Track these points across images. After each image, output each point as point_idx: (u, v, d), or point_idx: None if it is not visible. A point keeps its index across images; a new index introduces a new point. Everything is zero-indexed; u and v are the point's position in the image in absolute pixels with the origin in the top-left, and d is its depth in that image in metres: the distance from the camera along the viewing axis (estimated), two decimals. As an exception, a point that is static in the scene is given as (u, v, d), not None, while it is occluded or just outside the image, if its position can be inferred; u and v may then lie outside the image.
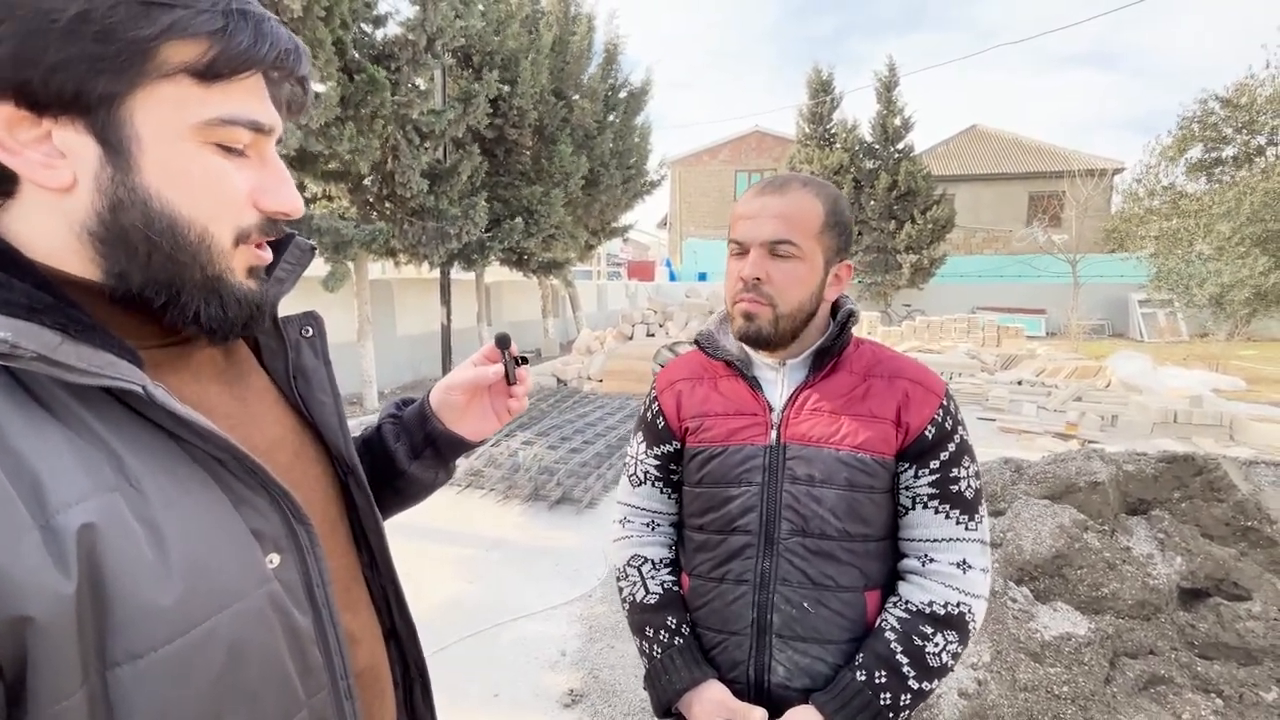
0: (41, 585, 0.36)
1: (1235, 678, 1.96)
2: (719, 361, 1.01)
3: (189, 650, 0.42)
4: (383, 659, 0.63)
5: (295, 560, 0.51)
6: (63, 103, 0.41)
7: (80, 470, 0.40)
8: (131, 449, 0.43)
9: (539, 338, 12.61)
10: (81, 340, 0.42)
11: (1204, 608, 2.13)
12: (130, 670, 0.40)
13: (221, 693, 0.44)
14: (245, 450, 0.47)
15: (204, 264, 0.47)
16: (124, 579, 0.39)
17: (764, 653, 0.91)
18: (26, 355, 0.39)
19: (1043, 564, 2.21)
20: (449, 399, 0.76)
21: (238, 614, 0.45)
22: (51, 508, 0.38)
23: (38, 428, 0.40)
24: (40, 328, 0.40)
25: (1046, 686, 1.93)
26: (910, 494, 0.92)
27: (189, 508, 0.44)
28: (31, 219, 0.44)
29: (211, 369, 0.54)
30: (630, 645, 2.70)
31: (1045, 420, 6.52)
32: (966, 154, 20.77)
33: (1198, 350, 11.47)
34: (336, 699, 0.53)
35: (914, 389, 0.93)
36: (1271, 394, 8.07)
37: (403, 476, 0.76)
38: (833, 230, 0.92)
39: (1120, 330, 16.40)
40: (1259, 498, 2.29)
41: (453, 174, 7.14)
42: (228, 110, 0.46)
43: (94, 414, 0.43)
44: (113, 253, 0.45)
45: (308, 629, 0.51)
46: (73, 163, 0.43)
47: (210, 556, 0.44)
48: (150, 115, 0.43)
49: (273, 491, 0.50)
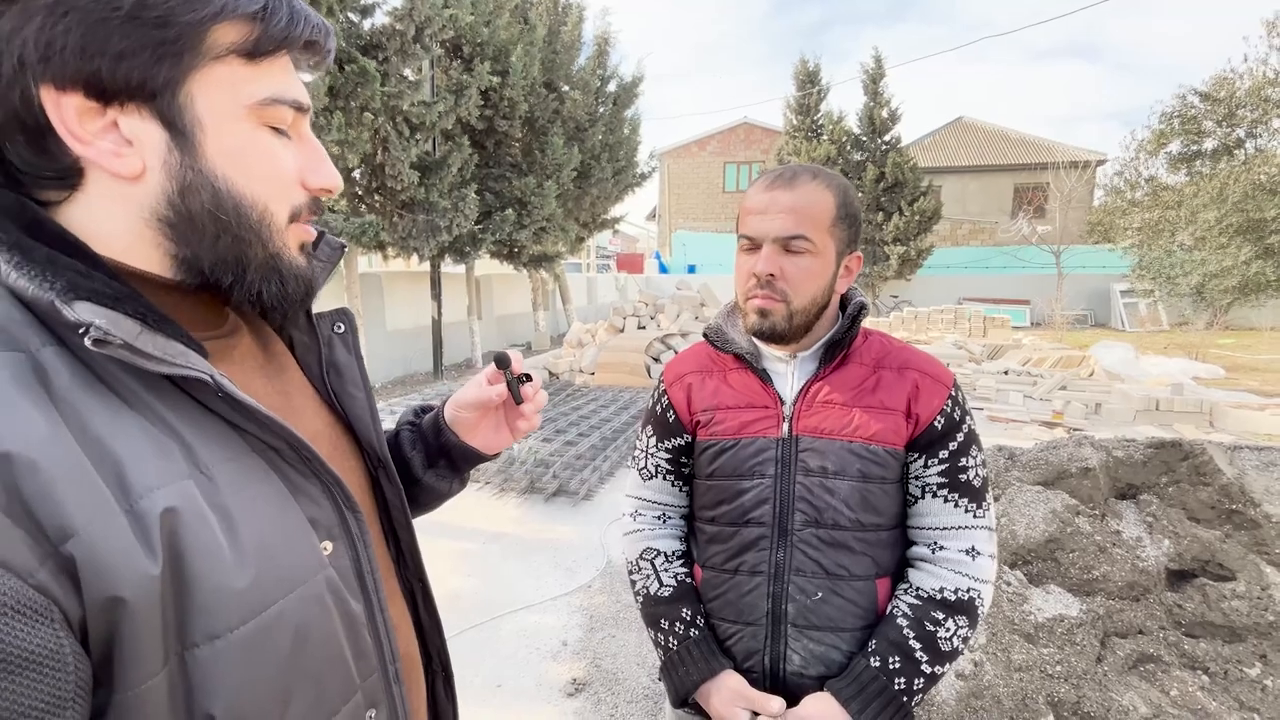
0: (131, 567, 0.37)
1: (1221, 655, 2.02)
2: (728, 354, 1.01)
3: (261, 632, 0.43)
4: (414, 647, 0.65)
5: (347, 547, 0.52)
6: (129, 90, 0.42)
7: (157, 457, 0.41)
8: (199, 437, 0.44)
9: (530, 331, 12.57)
10: (157, 330, 0.43)
11: (1191, 588, 2.19)
12: (208, 651, 0.41)
13: (290, 673, 0.45)
14: (304, 439, 0.49)
15: (265, 242, 0.49)
16: (202, 562, 0.41)
17: (779, 642, 0.92)
18: (116, 342, 0.40)
19: (1036, 548, 2.26)
20: (460, 415, 0.76)
21: (301, 598, 0.46)
22: (135, 492, 0.39)
23: (115, 416, 0.41)
24: (124, 316, 0.42)
25: (1040, 666, 1.98)
26: (920, 483, 0.94)
27: (255, 495, 0.46)
28: (97, 211, 0.45)
29: (253, 361, 0.55)
30: (631, 634, 2.72)
31: (1031, 409, 6.63)
32: (953, 146, 20.91)
33: (1178, 339, 11.71)
34: (386, 682, 0.55)
35: (924, 380, 0.94)
36: (1249, 381, 8.27)
37: (417, 484, 0.76)
38: (844, 222, 0.92)
39: (1102, 320, 16.67)
40: (1243, 481, 2.36)
41: (442, 166, 7.08)
42: (274, 90, 0.47)
43: (163, 403, 0.44)
44: (183, 236, 0.46)
45: (360, 614, 0.52)
46: (140, 150, 0.43)
47: (276, 542, 0.46)
48: (209, 98, 0.44)
49: (325, 480, 0.51)
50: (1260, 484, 2.39)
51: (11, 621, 0.34)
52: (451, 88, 7.02)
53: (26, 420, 0.37)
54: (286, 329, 0.62)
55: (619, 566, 3.33)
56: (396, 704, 0.56)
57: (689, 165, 23.05)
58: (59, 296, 0.40)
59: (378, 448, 0.63)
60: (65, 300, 0.40)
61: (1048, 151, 18.50)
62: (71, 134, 0.41)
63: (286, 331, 0.62)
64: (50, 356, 0.40)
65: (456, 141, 7.36)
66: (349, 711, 0.50)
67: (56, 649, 0.36)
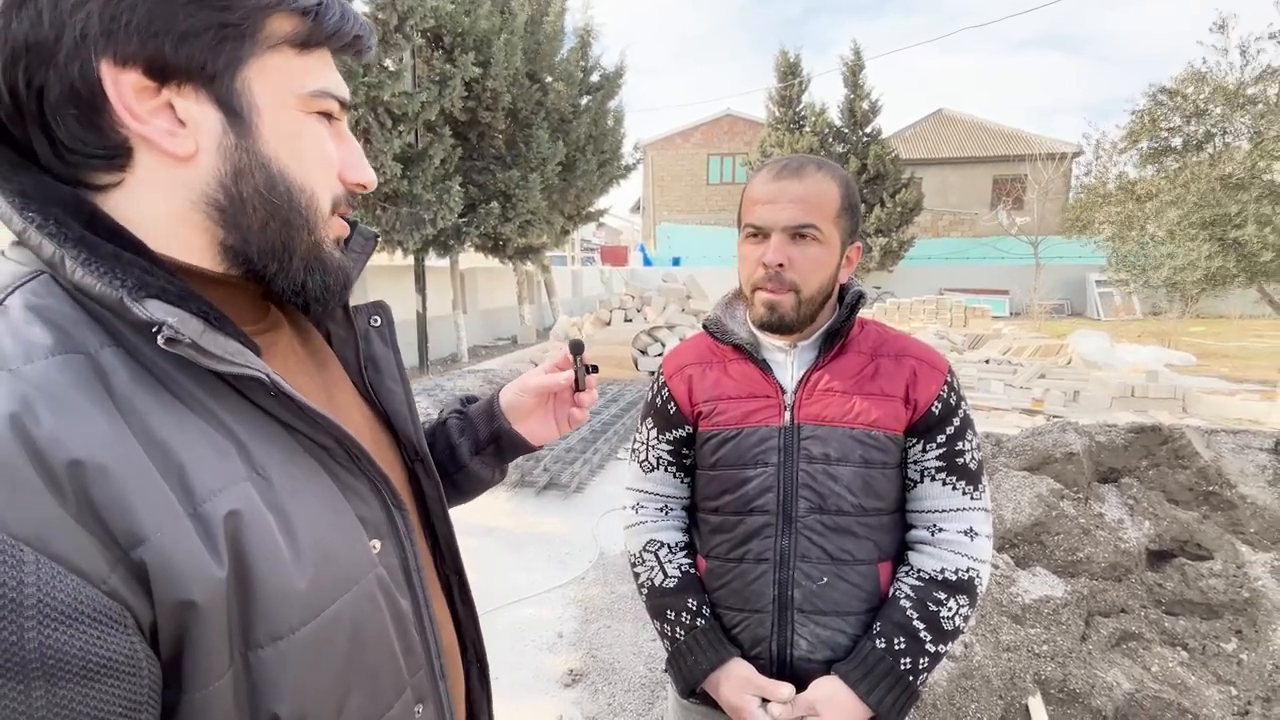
0: (201, 571, 0.38)
1: (1199, 631, 2.10)
2: (727, 345, 1.01)
3: (320, 632, 0.43)
4: (454, 639, 0.65)
5: (394, 545, 0.52)
6: (189, 71, 0.42)
7: (217, 459, 0.41)
8: (254, 438, 0.44)
9: (515, 325, 12.49)
10: (218, 329, 0.43)
11: (1170, 568, 2.26)
12: (272, 652, 0.41)
13: (348, 671, 0.46)
14: (355, 437, 0.49)
15: (312, 228, 0.49)
16: (264, 564, 0.41)
17: (786, 628, 0.93)
18: (185, 341, 0.39)
19: (1022, 532, 2.32)
20: (518, 400, 0.77)
21: (356, 597, 0.46)
22: (199, 496, 0.39)
23: (176, 417, 0.41)
24: (189, 315, 0.41)
25: (1027, 646, 2.04)
26: (918, 467, 0.96)
27: (309, 495, 0.46)
28: (146, 195, 0.44)
29: (295, 357, 0.55)
30: (626, 624, 2.74)
31: (1012, 397, 6.76)
32: (933, 138, 21.11)
33: (1151, 328, 12.01)
34: (433, 678, 0.55)
35: (920, 367, 0.96)
36: (1219, 368, 8.52)
37: (463, 470, 0.77)
38: (847, 213, 0.94)
39: (1079, 309, 17.02)
40: (1220, 464, 2.44)
41: (425, 158, 6.99)
42: (325, 83, 0.48)
43: (218, 403, 0.43)
44: (232, 221, 0.45)
45: (409, 612, 0.53)
46: (194, 131, 0.43)
47: (330, 542, 0.46)
48: (266, 84, 0.45)
49: (372, 478, 0.51)
50: (1235, 466, 2.48)
51: (88, 629, 0.34)
52: (434, 78, 6.92)
53: (93, 425, 0.36)
54: (323, 323, 0.61)
55: (612, 558, 3.35)
56: (442, 698, 0.56)
57: (673, 157, 23.00)
58: (129, 294, 0.39)
59: (416, 442, 0.63)
60: (136, 298, 0.39)
61: (1025, 143, 18.75)
62: (129, 111, 0.41)
63: (323, 326, 0.61)
64: (109, 357, 0.40)
65: (439, 133, 7.26)
66: (400, 707, 0.51)
67: (131, 654, 0.36)
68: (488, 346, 11.60)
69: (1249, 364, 8.71)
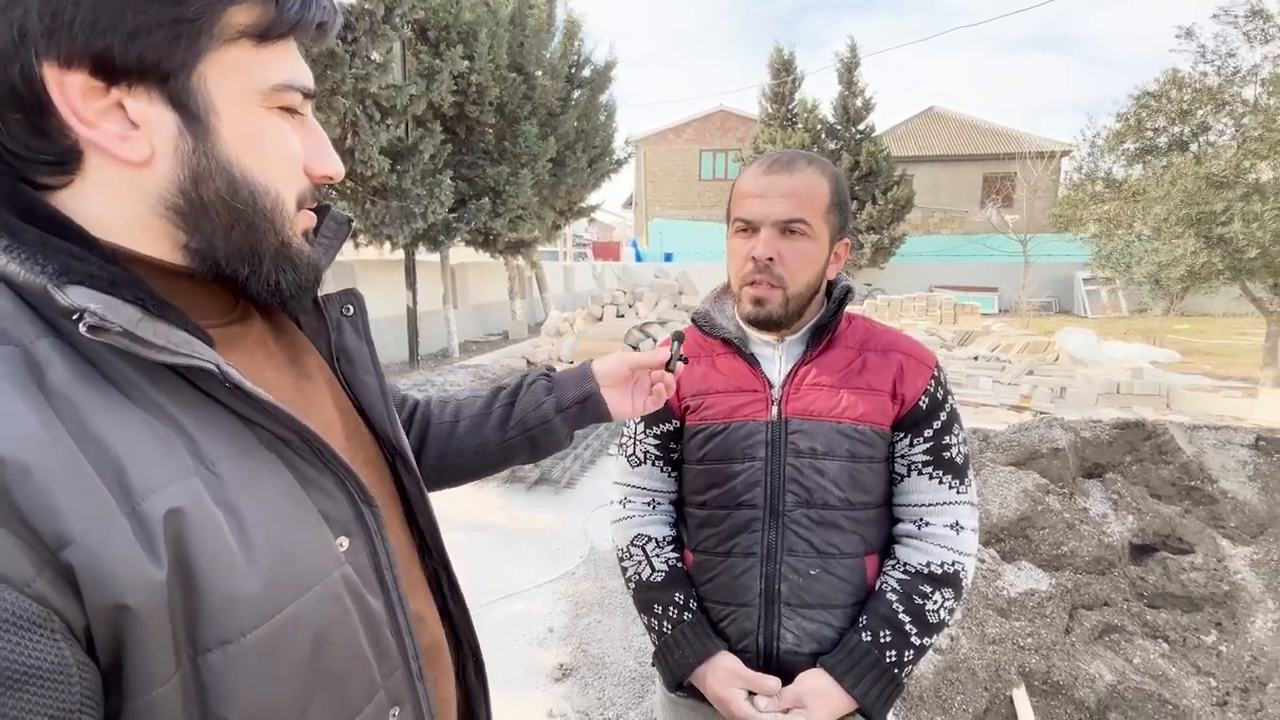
0: (135, 573, 0.36)
1: (1180, 623, 2.13)
2: (715, 339, 1.02)
3: (276, 635, 0.41)
4: (442, 635, 0.63)
5: (364, 543, 0.50)
6: (140, 70, 0.39)
7: (160, 455, 0.39)
8: (204, 431, 0.42)
9: (506, 320, 12.44)
10: (159, 317, 0.41)
11: (1152, 561, 2.30)
12: (221, 656, 0.39)
13: (309, 676, 0.44)
14: (315, 430, 0.47)
15: (278, 230, 0.47)
16: (210, 565, 0.39)
17: (773, 621, 0.93)
18: (114, 329, 0.37)
19: (1009, 526, 2.34)
20: (614, 367, 0.82)
21: (317, 598, 0.44)
22: (137, 494, 0.37)
23: (116, 411, 0.39)
24: (122, 302, 0.39)
25: (1012, 639, 2.06)
26: (905, 462, 0.96)
27: (264, 491, 0.44)
28: (99, 198, 0.42)
29: (264, 350, 0.53)
30: (616, 619, 2.75)
31: (1000, 394, 6.83)
32: (924, 135, 21.19)
33: (1137, 325, 12.16)
34: (409, 680, 0.53)
35: (908, 362, 0.96)
36: (1203, 365, 8.64)
37: (545, 424, 0.79)
38: (836, 208, 0.94)
39: (1066, 307, 17.18)
40: (1201, 459, 2.48)
41: (415, 152, 6.93)
42: (287, 76, 0.45)
43: (166, 395, 0.41)
44: (196, 226, 0.44)
45: (380, 612, 0.50)
46: (148, 134, 0.41)
47: (288, 540, 0.44)
48: (223, 82, 0.42)
49: (338, 473, 0.49)
50: (1217, 462, 2.51)
51: (10, 635, 0.33)
52: (423, 72, 6.86)
53: (19, 421, 0.35)
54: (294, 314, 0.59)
55: (602, 553, 3.35)
56: (421, 701, 0.54)
57: (665, 153, 22.96)
58: (51, 280, 0.37)
59: (392, 435, 0.61)
60: (58, 284, 0.37)
61: (1015, 142, 18.88)
62: (75, 114, 0.39)
63: (294, 316, 0.59)
64: (45, 349, 0.38)
65: (429, 127, 7.21)
66: (372, 711, 0.49)
67: (58, 661, 0.34)
68: (479, 342, 11.55)
69: (1232, 361, 8.84)
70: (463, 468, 0.81)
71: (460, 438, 0.81)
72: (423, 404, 0.85)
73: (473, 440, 0.80)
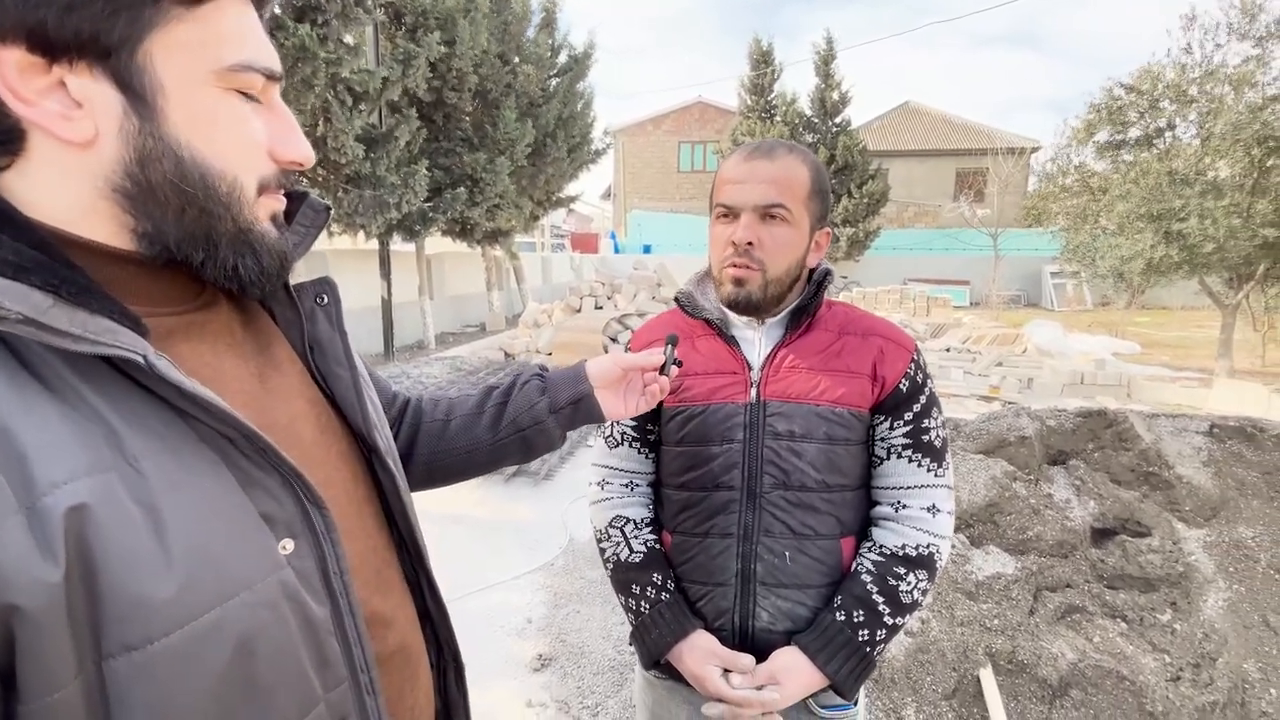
0: (26, 573, 0.34)
1: (1137, 603, 2.22)
2: (697, 321, 1.02)
3: (192, 643, 0.39)
4: (417, 640, 0.61)
5: (310, 546, 0.48)
6: (79, 46, 0.38)
7: (74, 448, 0.37)
8: (132, 426, 0.40)
9: (484, 311, 12.32)
10: (76, 304, 0.39)
11: (1112, 544, 2.39)
12: (126, 663, 0.37)
13: (230, 687, 0.41)
14: (254, 428, 0.44)
15: (235, 215, 0.45)
16: (116, 566, 0.37)
17: (749, 600, 0.94)
18: (11, 317, 0.35)
19: (977, 512, 2.41)
20: (608, 368, 0.81)
21: (246, 604, 0.42)
22: (39, 489, 0.35)
23: (27, 401, 0.37)
24: (28, 288, 0.37)
25: (980, 621, 2.13)
26: (885, 445, 0.97)
27: (193, 490, 0.41)
28: (41, 179, 0.40)
29: (228, 339, 0.51)
30: (595, 609, 2.76)
31: (971, 384, 7.00)
32: (899, 130, 21.46)
33: (1100, 318, 12.55)
34: (357, 693, 0.50)
35: (887, 345, 0.97)
36: (1161, 356, 8.96)
37: (538, 425, 0.79)
38: (817, 196, 0.94)
39: (1034, 300, 17.63)
40: (1159, 446, 2.57)
41: (389, 139, 6.79)
42: (242, 56, 0.44)
43: (91, 387, 0.39)
44: (143, 209, 0.42)
45: (325, 619, 0.48)
46: (92, 113, 0.39)
47: (215, 542, 0.41)
48: (170, 61, 0.41)
49: (284, 472, 0.46)
50: (1174, 448, 2.61)
51: None
52: (398, 57, 6.71)
53: None
54: (267, 302, 0.57)
55: (581, 544, 3.36)
56: (370, 715, 0.51)
57: (644, 144, 22.86)
58: None
59: (365, 431, 0.58)
60: None
61: (987, 138, 19.23)
62: (12, 92, 0.37)
63: (267, 305, 0.57)
64: None
65: (404, 114, 7.06)
66: None
67: None
68: (455, 333, 11.42)
69: (1189, 353, 9.18)
70: (454, 467, 0.81)
71: (452, 437, 0.80)
72: (414, 402, 0.83)
73: (464, 440, 0.80)
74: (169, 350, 0.43)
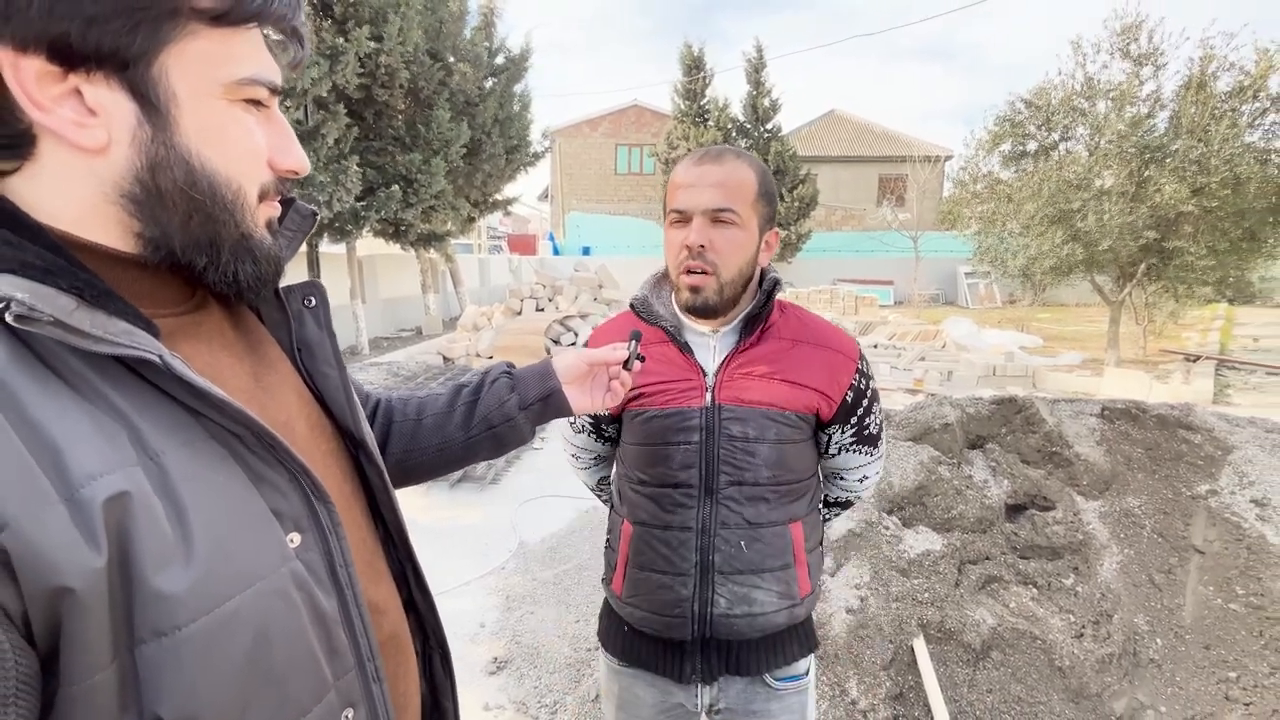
0: (74, 558, 0.36)
1: (1045, 570, 2.46)
2: (653, 328, 1.06)
3: (213, 630, 0.41)
4: (405, 628, 0.63)
5: (316, 539, 0.49)
6: (99, 57, 0.39)
7: (101, 442, 0.39)
8: (149, 422, 0.41)
9: (420, 315, 11.95)
10: (96, 306, 0.40)
11: (1023, 518, 2.63)
12: (155, 648, 0.39)
13: (250, 675, 0.43)
14: (264, 424, 0.46)
15: (238, 221, 0.47)
16: (148, 555, 0.38)
17: (707, 588, 1.00)
18: (44, 319, 0.37)
19: (908, 495, 2.60)
20: (573, 363, 0.84)
21: (261, 594, 0.43)
22: (75, 481, 0.37)
23: (55, 398, 0.38)
24: (56, 291, 0.38)
25: (912, 595, 2.30)
26: (835, 444, 1.09)
27: (208, 484, 0.43)
28: (51, 183, 0.41)
29: (221, 339, 0.52)
30: (549, 609, 2.77)
31: (897, 378, 7.44)
32: (826, 137, 22.38)
33: (1009, 314, 13.58)
34: (364, 681, 0.52)
35: (834, 358, 1.04)
36: (1062, 349, 9.80)
37: (509, 422, 0.81)
38: (764, 199, 1.00)
39: (951, 298, 18.84)
40: (1061, 429, 2.85)
41: (316, 136, 6.50)
42: (251, 70, 0.46)
43: (110, 384, 0.41)
44: (151, 215, 0.43)
45: (333, 610, 0.50)
46: (106, 121, 0.40)
47: (231, 534, 0.43)
48: (186, 72, 0.42)
49: (291, 468, 0.48)
50: (1073, 430, 2.90)
51: None
52: (325, 52, 6.44)
53: None
54: (254, 305, 0.58)
55: (531, 546, 3.36)
56: (377, 702, 0.53)
57: (581, 145, 22.81)
58: None
59: (354, 428, 0.60)
60: None
61: (906, 146, 20.39)
62: (30, 99, 0.38)
63: (254, 307, 0.59)
64: None
65: (332, 110, 6.78)
66: (321, 712, 0.48)
67: None
68: (390, 338, 11.02)
69: (1084, 345, 10.09)
70: (427, 465, 0.82)
71: (424, 436, 0.82)
72: (384, 402, 0.84)
73: (436, 438, 0.81)
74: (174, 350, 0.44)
